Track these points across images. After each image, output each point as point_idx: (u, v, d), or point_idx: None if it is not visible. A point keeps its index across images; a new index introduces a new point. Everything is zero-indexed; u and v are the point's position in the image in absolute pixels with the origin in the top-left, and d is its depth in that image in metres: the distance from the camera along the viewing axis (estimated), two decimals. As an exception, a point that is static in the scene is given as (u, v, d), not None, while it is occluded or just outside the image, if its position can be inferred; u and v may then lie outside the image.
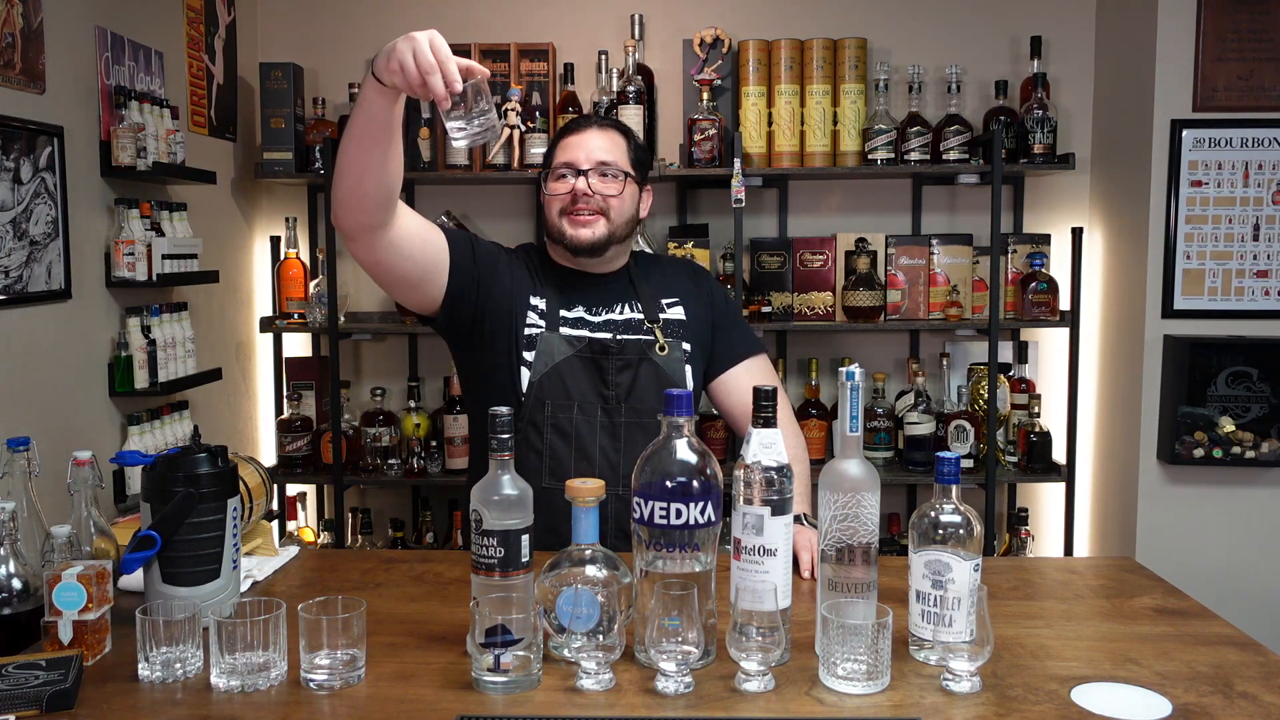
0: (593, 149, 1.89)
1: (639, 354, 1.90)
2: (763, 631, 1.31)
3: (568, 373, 1.87)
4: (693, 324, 1.97)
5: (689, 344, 1.95)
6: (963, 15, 3.34)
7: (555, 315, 1.91)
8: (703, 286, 2.05)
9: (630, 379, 1.88)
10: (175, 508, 1.42)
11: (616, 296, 1.95)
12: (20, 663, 1.30)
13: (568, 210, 1.88)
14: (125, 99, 2.53)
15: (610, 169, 1.89)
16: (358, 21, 3.43)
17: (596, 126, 1.93)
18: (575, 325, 1.91)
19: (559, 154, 1.92)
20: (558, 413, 1.88)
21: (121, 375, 2.55)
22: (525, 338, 1.89)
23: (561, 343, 1.89)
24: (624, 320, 1.93)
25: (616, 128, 1.96)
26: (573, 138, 1.92)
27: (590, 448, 1.87)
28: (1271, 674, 1.33)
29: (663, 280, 2.01)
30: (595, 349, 1.89)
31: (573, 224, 1.88)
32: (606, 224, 1.88)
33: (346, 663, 1.30)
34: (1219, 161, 2.93)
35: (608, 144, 1.91)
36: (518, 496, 1.40)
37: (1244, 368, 2.94)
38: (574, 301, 1.93)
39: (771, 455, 1.35)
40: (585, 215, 1.87)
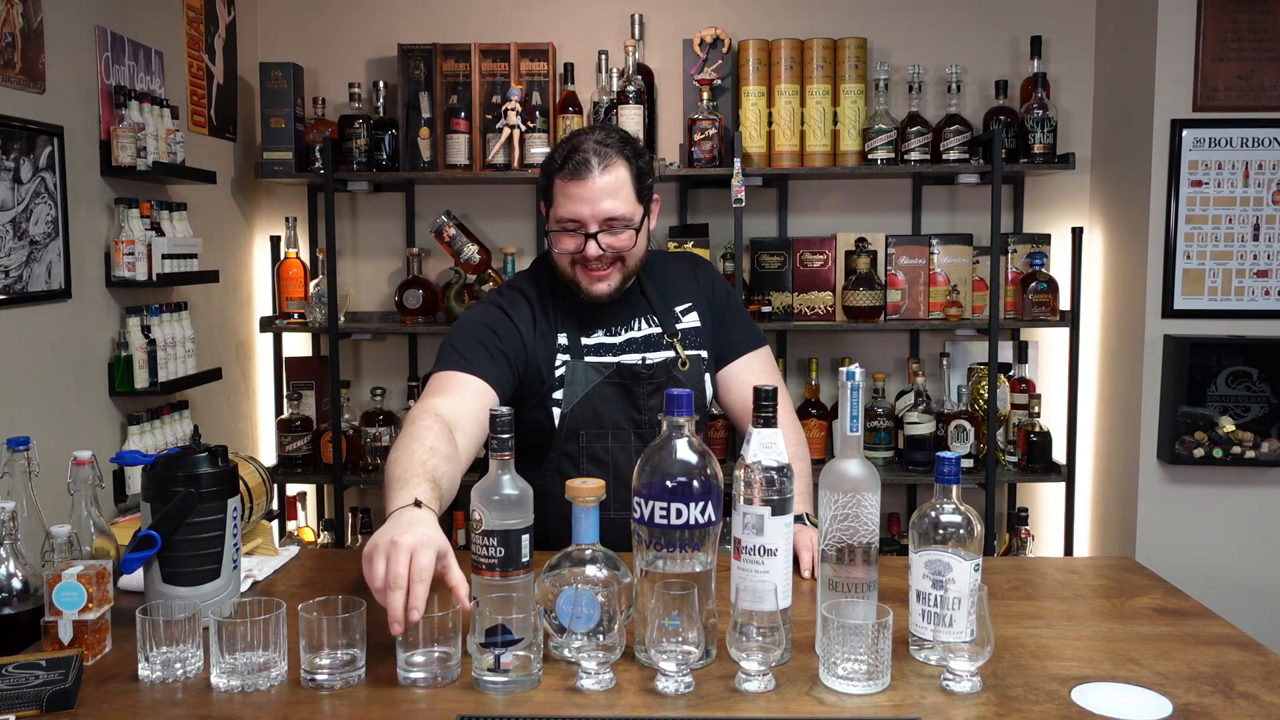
0: (598, 203, 1.75)
1: (665, 374, 1.87)
2: (763, 631, 1.31)
3: (598, 401, 1.84)
4: (705, 329, 1.95)
5: (706, 350, 1.93)
6: (963, 15, 3.34)
7: (578, 345, 1.87)
8: (703, 281, 2.00)
9: (660, 402, 1.84)
10: (175, 508, 1.42)
11: (631, 312, 1.91)
12: (20, 663, 1.30)
13: (579, 263, 1.81)
14: (125, 99, 2.53)
15: (619, 224, 1.77)
16: (358, 21, 3.43)
17: (599, 167, 1.75)
18: (598, 352, 1.87)
19: (561, 204, 1.77)
20: (592, 442, 1.85)
21: (121, 375, 2.55)
22: (558, 379, 1.85)
23: (589, 370, 1.85)
24: (643, 337, 1.90)
25: (620, 155, 1.78)
26: (575, 187, 1.75)
27: (627, 474, 1.79)
28: (1271, 674, 1.33)
29: (671, 284, 1.97)
30: (625, 375, 1.85)
31: (587, 278, 1.81)
32: (621, 271, 1.82)
33: (346, 663, 1.30)
34: (1219, 161, 2.93)
35: (613, 187, 1.76)
36: (518, 496, 1.40)
37: (1244, 368, 2.94)
38: (592, 325, 1.89)
39: (771, 455, 1.35)
40: (599, 270, 1.80)
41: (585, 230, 1.77)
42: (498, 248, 3.38)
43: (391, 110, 3.27)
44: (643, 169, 1.82)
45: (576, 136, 1.81)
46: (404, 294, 3.30)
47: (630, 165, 1.79)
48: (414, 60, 3.24)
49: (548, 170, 1.82)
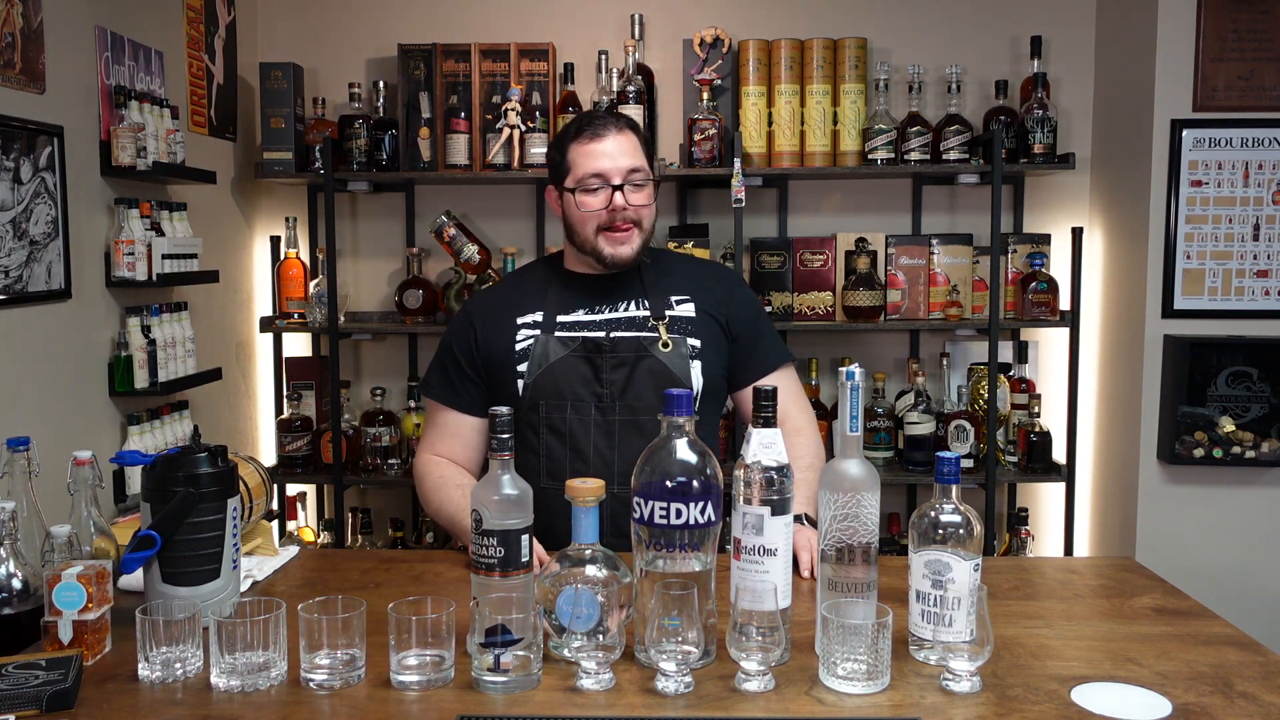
0: (621, 157, 1.86)
1: (636, 351, 1.88)
2: (763, 631, 1.31)
3: (561, 372, 1.88)
4: (702, 322, 1.95)
5: (697, 340, 1.93)
6: (963, 15, 3.34)
7: (551, 322, 1.92)
8: (728, 291, 2.01)
9: (625, 376, 1.87)
10: (175, 508, 1.42)
11: (622, 295, 1.95)
12: (20, 663, 1.30)
13: (605, 227, 1.87)
14: (125, 99, 2.53)
15: (639, 175, 1.87)
16: (358, 21, 3.43)
17: (615, 130, 1.88)
18: (571, 328, 1.91)
19: (584, 162, 1.87)
20: (551, 413, 1.89)
21: (121, 375, 2.55)
22: (518, 353, 1.92)
23: (556, 344, 1.90)
24: (626, 318, 1.93)
25: (630, 126, 1.92)
26: (595, 145, 1.87)
27: (585, 446, 1.87)
28: (1271, 674, 1.33)
29: (679, 279, 1.99)
30: (588, 347, 1.88)
31: (611, 241, 1.88)
32: (640, 234, 1.90)
33: (346, 663, 1.30)
34: (1219, 161, 2.93)
35: (630, 147, 1.88)
36: (518, 496, 1.40)
37: (1244, 368, 2.94)
38: (574, 305, 1.94)
39: (771, 455, 1.35)
40: (622, 231, 1.87)
41: (610, 182, 1.85)
42: (498, 248, 3.38)
43: (391, 110, 3.27)
44: (646, 142, 1.95)
45: (586, 112, 1.98)
46: (404, 294, 3.30)
47: (638, 135, 1.93)
48: (414, 60, 3.24)
49: (561, 144, 1.92)
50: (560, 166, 1.91)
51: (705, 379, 1.93)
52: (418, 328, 3.29)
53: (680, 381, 1.88)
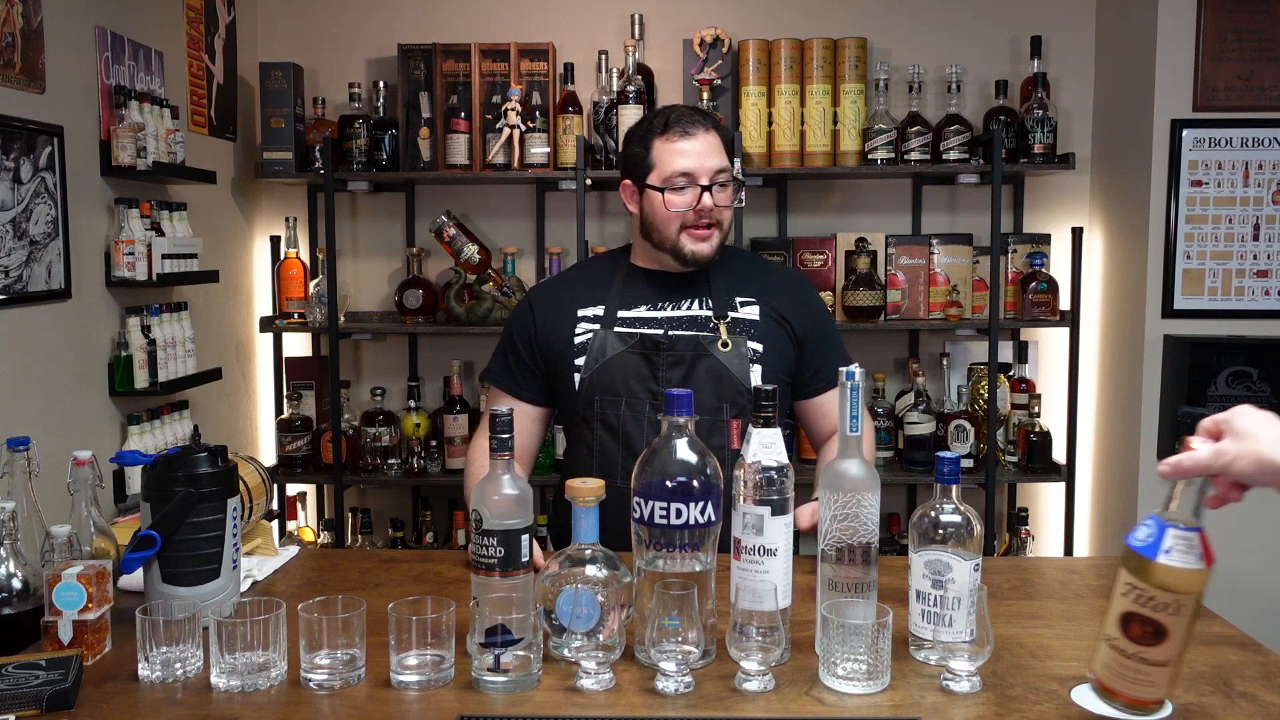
0: (708, 157, 1.85)
1: (694, 349, 1.87)
2: (763, 631, 1.31)
3: (617, 368, 1.87)
4: (766, 325, 1.92)
5: (759, 344, 1.90)
6: (963, 15, 3.34)
7: (613, 316, 1.91)
8: (798, 297, 1.99)
9: (682, 375, 1.86)
10: (175, 508, 1.42)
11: (688, 293, 1.93)
12: (20, 663, 1.30)
13: (689, 225, 1.86)
14: (125, 99, 2.53)
15: (725, 176, 1.86)
16: (358, 21, 3.43)
17: (704, 129, 1.86)
18: (631, 324, 1.90)
19: (672, 160, 1.85)
20: (606, 409, 1.88)
21: (121, 375, 2.55)
22: (576, 347, 1.91)
23: (615, 340, 1.88)
24: (688, 316, 1.91)
25: (715, 126, 1.90)
26: (684, 143, 1.85)
27: (637, 444, 1.85)
28: (1271, 674, 1.33)
29: (746, 280, 1.97)
30: (646, 344, 1.87)
31: (693, 239, 1.86)
32: (719, 234, 1.88)
33: (346, 663, 1.30)
34: (1219, 161, 2.93)
35: (717, 146, 1.87)
36: (518, 496, 1.40)
37: (1244, 368, 2.94)
38: (637, 301, 1.92)
39: (771, 455, 1.35)
40: (704, 230, 1.86)
41: (698, 182, 1.84)
42: (498, 248, 3.38)
43: (391, 110, 3.27)
44: (729, 142, 1.94)
45: (670, 107, 1.92)
46: (404, 294, 3.30)
47: (722, 135, 1.91)
48: (414, 60, 3.24)
49: (645, 138, 1.88)
50: (643, 162, 1.88)
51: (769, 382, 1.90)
52: (418, 328, 3.29)
53: (739, 383, 1.86)
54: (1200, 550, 1.09)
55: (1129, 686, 1.11)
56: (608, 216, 3.45)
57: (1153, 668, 1.10)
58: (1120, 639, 1.11)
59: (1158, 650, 1.09)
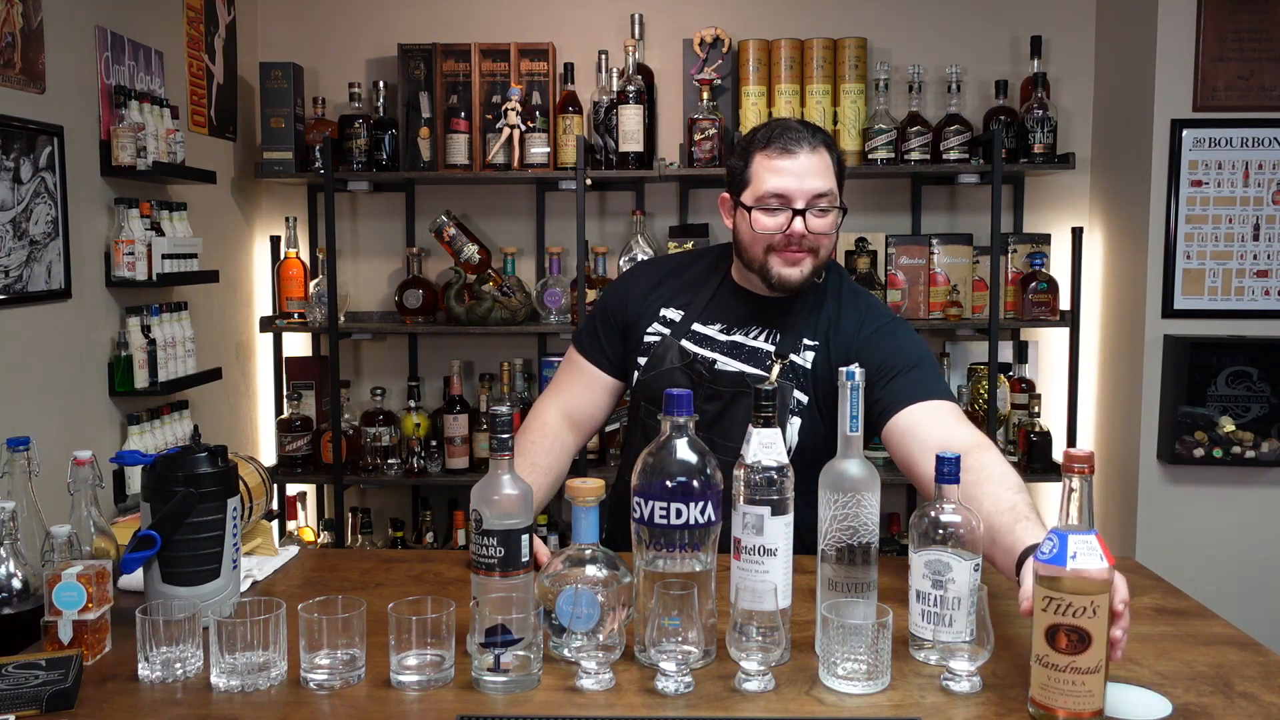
0: (808, 178, 1.69)
1: (736, 387, 1.77)
2: (763, 631, 1.31)
3: (667, 382, 1.78)
4: (820, 376, 1.77)
5: (805, 395, 1.78)
6: (963, 15, 3.34)
7: (687, 328, 1.83)
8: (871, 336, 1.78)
9: (717, 410, 1.78)
10: (175, 508, 1.42)
11: (766, 322, 1.82)
12: (20, 663, 1.30)
13: (777, 248, 1.73)
14: (125, 99, 2.53)
15: (825, 201, 1.71)
16: (358, 21, 3.43)
17: (809, 147, 1.70)
18: (700, 342, 1.82)
19: (766, 179, 1.71)
20: (647, 417, 1.85)
21: (121, 375, 2.55)
22: (644, 344, 1.86)
23: (676, 353, 1.82)
24: (752, 348, 1.80)
25: (824, 142, 1.73)
26: (784, 161, 1.70)
27: None
28: (1271, 674, 1.33)
29: (824, 317, 1.81)
30: (696, 368, 1.80)
31: (781, 261, 1.73)
32: (814, 261, 1.74)
33: (346, 663, 1.30)
34: (1219, 161, 2.93)
35: (822, 166, 1.71)
36: (518, 496, 1.40)
37: (1244, 368, 2.94)
38: (716, 318, 1.84)
39: (771, 455, 1.35)
40: (796, 254, 1.72)
41: (792, 205, 1.70)
42: (498, 248, 3.38)
43: (391, 110, 3.27)
44: (839, 163, 1.76)
45: (781, 120, 1.78)
46: (404, 294, 3.30)
47: (832, 154, 1.75)
48: (414, 60, 3.24)
49: (746, 151, 1.75)
50: (741, 176, 1.75)
51: (801, 439, 1.78)
52: (418, 328, 3.29)
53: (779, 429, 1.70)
54: (1100, 551, 1.16)
55: (1067, 700, 1.16)
56: (608, 216, 3.45)
57: (1085, 676, 1.16)
58: (1050, 654, 1.17)
59: (1086, 657, 1.15)
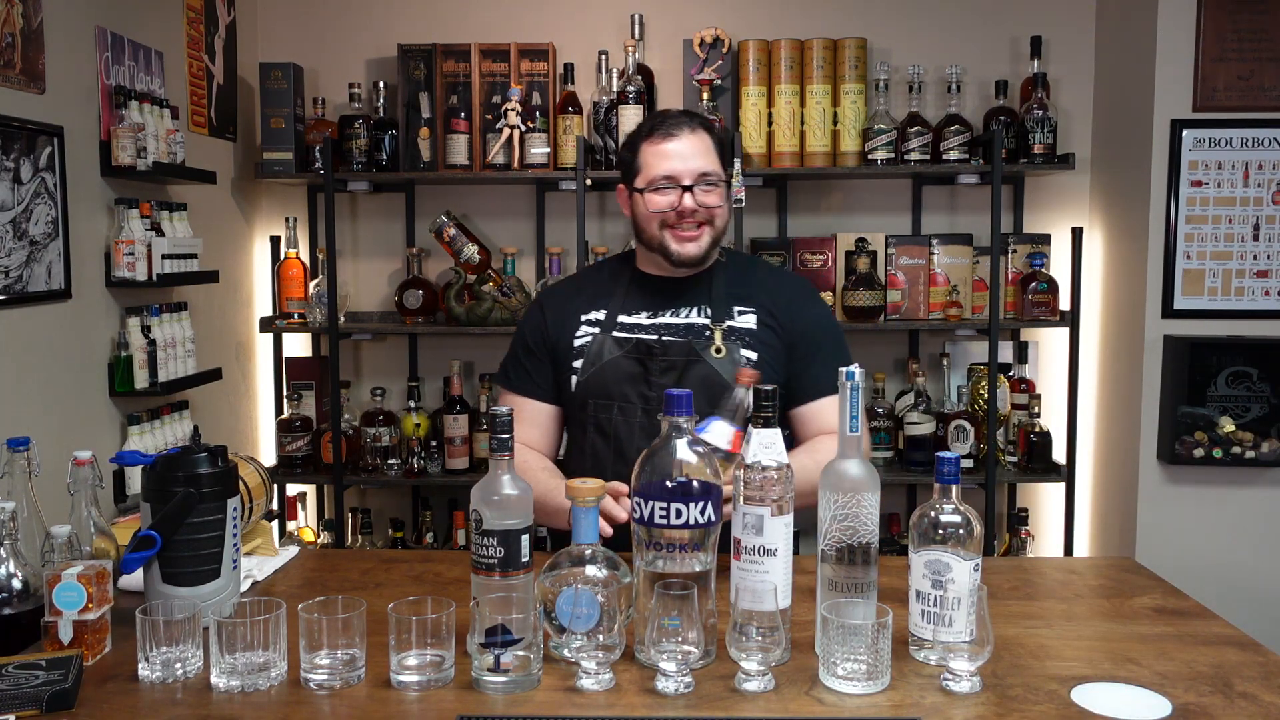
0: (691, 158, 1.83)
1: (687, 355, 1.85)
2: (763, 631, 1.31)
3: (611, 373, 1.87)
4: (762, 334, 1.89)
5: (753, 353, 1.87)
6: (963, 15, 3.34)
7: (613, 321, 1.91)
8: (797, 305, 1.93)
9: (674, 381, 1.84)
10: (175, 508, 1.42)
11: (689, 300, 1.91)
12: (20, 663, 1.30)
13: (670, 224, 1.85)
14: (125, 99, 2.53)
15: (711, 178, 1.84)
16: (358, 21, 3.43)
17: (689, 130, 1.85)
18: (630, 329, 1.90)
19: (654, 163, 1.85)
20: (599, 413, 1.88)
21: (121, 375, 2.55)
22: (576, 349, 1.91)
23: (612, 344, 1.89)
24: (685, 324, 1.89)
25: (704, 125, 1.88)
26: (668, 144, 1.84)
27: (628, 449, 1.84)
28: (1271, 674, 1.33)
29: (749, 287, 1.94)
30: (641, 350, 1.87)
31: (678, 239, 1.85)
32: (710, 233, 1.87)
33: (346, 663, 1.30)
34: (1219, 161, 2.93)
35: (703, 148, 1.85)
36: (518, 496, 1.40)
37: (1244, 368, 2.94)
38: (638, 307, 1.92)
39: (771, 455, 1.35)
40: (690, 230, 1.84)
41: (680, 183, 1.83)
42: (498, 248, 3.38)
43: (391, 110, 3.27)
44: (721, 142, 1.92)
45: (660, 111, 1.95)
46: (404, 294, 3.30)
47: (713, 135, 1.90)
48: (414, 60, 3.24)
49: (633, 143, 1.91)
50: (631, 166, 1.89)
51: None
52: (418, 328, 3.29)
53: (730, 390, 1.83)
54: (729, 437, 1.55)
55: None
56: (608, 217, 3.45)
57: None
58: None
59: None
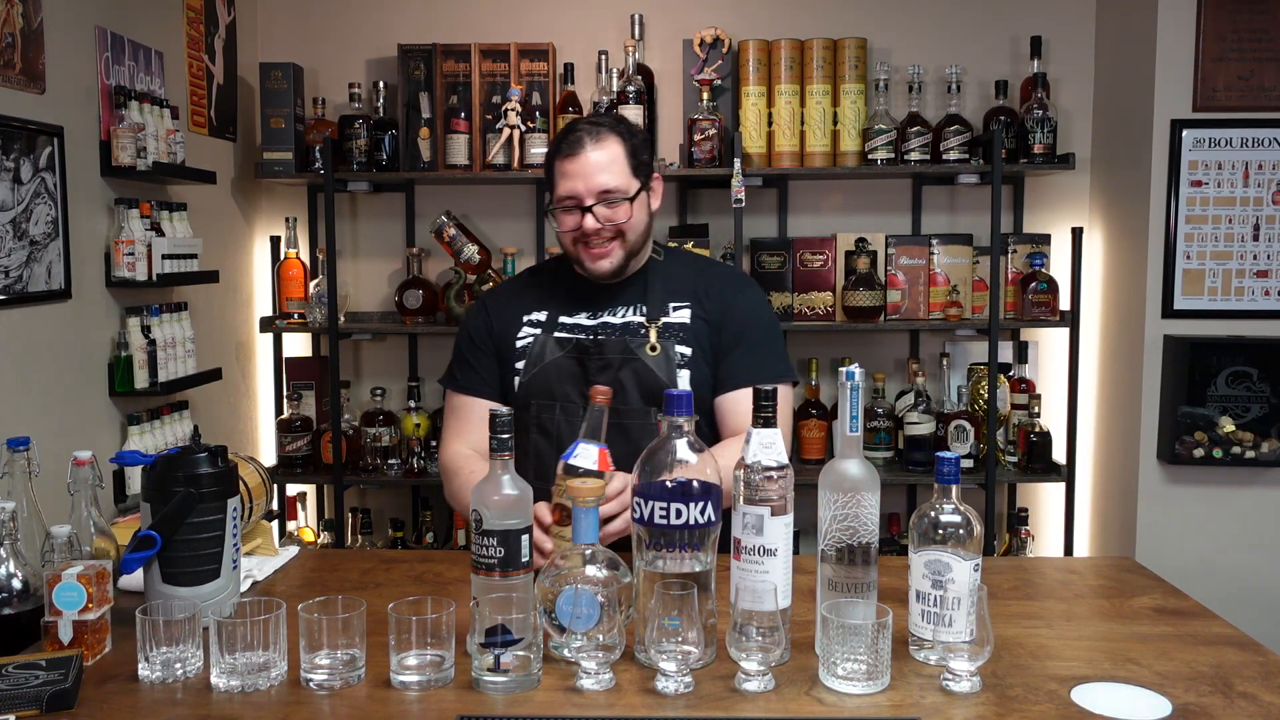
0: (592, 177, 1.81)
1: (622, 353, 1.86)
2: (763, 631, 1.31)
3: (553, 373, 1.88)
4: (696, 329, 1.90)
5: (687, 348, 1.88)
6: (963, 15, 3.34)
7: (554, 322, 1.92)
8: (730, 296, 1.94)
9: (612, 379, 1.85)
10: (175, 508, 1.42)
11: (626, 299, 1.93)
12: (20, 663, 1.30)
13: (580, 241, 1.85)
14: (125, 99, 2.53)
15: (614, 195, 1.82)
16: (358, 21, 3.43)
17: (591, 143, 1.82)
18: (570, 330, 1.91)
19: (559, 183, 1.84)
20: (541, 413, 1.89)
21: (121, 375, 2.55)
22: (518, 350, 1.92)
23: (553, 345, 1.90)
24: (622, 323, 1.90)
25: (613, 132, 1.85)
26: (570, 164, 1.82)
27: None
28: (1271, 674, 1.33)
29: (684, 283, 1.94)
30: (580, 348, 1.88)
31: (589, 256, 1.85)
32: (623, 246, 1.86)
33: (346, 663, 1.30)
34: (1219, 161, 2.93)
35: (607, 161, 1.82)
36: (518, 496, 1.40)
37: (1244, 368, 2.94)
38: (578, 308, 1.93)
39: (772, 455, 1.35)
40: (600, 247, 1.84)
41: (582, 204, 1.82)
42: (498, 248, 3.38)
43: (391, 110, 3.27)
44: (637, 146, 1.88)
45: (572, 122, 1.93)
46: (404, 294, 3.30)
47: (624, 142, 1.86)
48: (414, 60, 3.24)
49: (548, 159, 1.90)
50: (548, 183, 1.90)
51: (693, 388, 1.86)
52: (418, 328, 3.29)
53: (666, 385, 1.86)
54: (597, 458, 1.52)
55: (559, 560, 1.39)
56: (608, 216, 3.44)
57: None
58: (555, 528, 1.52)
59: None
